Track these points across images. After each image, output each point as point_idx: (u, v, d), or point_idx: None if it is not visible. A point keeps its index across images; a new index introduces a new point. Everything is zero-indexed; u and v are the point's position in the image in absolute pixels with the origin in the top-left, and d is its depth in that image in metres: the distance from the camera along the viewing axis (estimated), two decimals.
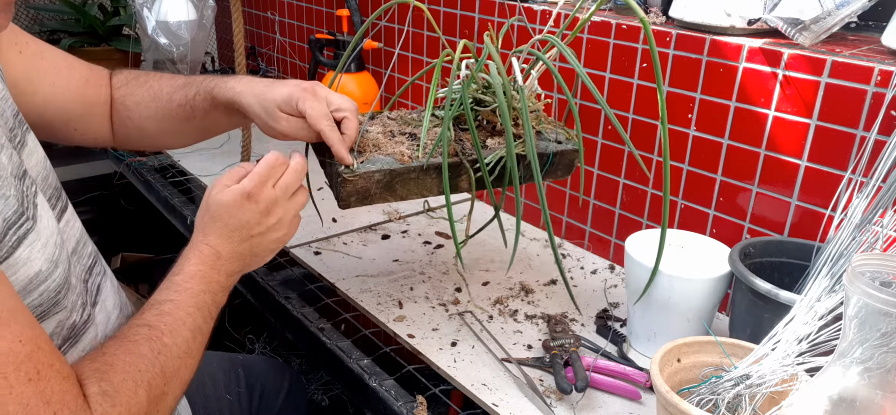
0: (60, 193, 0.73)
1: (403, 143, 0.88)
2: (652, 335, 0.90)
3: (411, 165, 0.84)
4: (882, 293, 0.50)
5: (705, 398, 0.68)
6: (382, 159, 0.84)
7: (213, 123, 0.93)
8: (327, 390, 1.61)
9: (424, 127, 0.86)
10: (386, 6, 0.92)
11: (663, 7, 1.07)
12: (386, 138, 0.89)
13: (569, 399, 0.83)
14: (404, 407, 0.83)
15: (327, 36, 1.55)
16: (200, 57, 1.56)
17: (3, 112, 0.67)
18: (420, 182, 0.86)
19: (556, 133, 0.94)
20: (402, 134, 0.91)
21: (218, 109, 0.89)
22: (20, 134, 0.69)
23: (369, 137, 0.89)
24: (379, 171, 0.83)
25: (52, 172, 0.73)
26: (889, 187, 0.74)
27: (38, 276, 0.59)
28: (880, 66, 0.82)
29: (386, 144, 0.87)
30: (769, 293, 0.75)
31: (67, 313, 0.64)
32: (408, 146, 0.87)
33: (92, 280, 0.73)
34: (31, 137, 0.71)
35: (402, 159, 0.84)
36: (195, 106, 0.90)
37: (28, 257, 0.58)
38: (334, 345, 0.95)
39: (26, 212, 0.59)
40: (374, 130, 0.91)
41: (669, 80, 1.03)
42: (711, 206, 1.02)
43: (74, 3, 1.79)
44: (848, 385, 0.54)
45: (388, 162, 0.84)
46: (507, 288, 1.08)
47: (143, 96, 0.93)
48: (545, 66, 0.86)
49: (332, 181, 0.86)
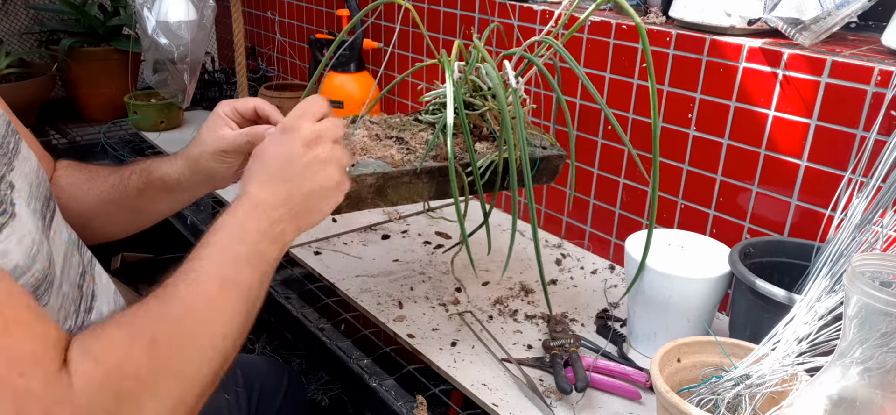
0: (50, 201, 0.73)
1: (392, 146, 0.86)
2: (652, 335, 0.90)
3: (404, 169, 0.82)
4: (882, 293, 0.50)
5: (705, 398, 0.68)
6: (373, 163, 0.82)
7: (148, 202, 0.86)
8: (327, 390, 1.61)
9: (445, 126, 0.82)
10: (372, 6, 0.91)
11: (663, 7, 1.07)
12: (373, 142, 0.87)
13: (569, 399, 0.83)
14: (404, 407, 0.83)
15: (327, 36, 1.55)
16: (200, 57, 1.56)
17: None
18: (411, 186, 0.84)
19: (541, 139, 0.93)
20: (388, 138, 0.89)
21: (154, 184, 0.84)
22: (13, 142, 0.69)
23: (355, 140, 0.86)
24: (372, 174, 0.80)
25: (45, 181, 0.73)
26: (889, 187, 0.74)
27: (16, 270, 0.57)
28: (880, 66, 0.82)
29: (374, 148, 0.85)
30: (769, 293, 0.75)
31: (61, 321, 0.63)
32: (397, 150, 0.85)
33: (86, 285, 0.72)
34: (24, 146, 0.71)
35: (393, 163, 0.82)
36: (129, 184, 0.85)
37: (5, 251, 0.56)
38: (334, 345, 0.95)
39: (4, 206, 0.59)
40: (359, 134, 0.88)
41: (669, 80, 1.03)
42: (711, 206, 1.02)
43: (74, 3, 1.79)
44: (848, 385, 0.54)
45: (380, 166, 0.81)
46: (507, 288, 1.08)
47: (79, 177, 0.88)
48: (540, 68, 0.85)
49: None
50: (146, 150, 1.67)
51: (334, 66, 1.51)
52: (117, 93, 1.82)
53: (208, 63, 2.07)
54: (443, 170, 0.84)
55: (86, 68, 1.80)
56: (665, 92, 1.04)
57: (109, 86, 1.83)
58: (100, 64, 1.81)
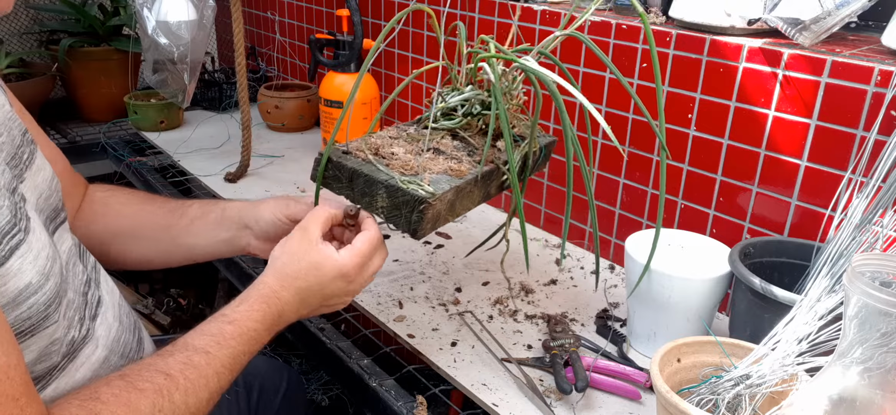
0: (60, 212, 0.73)
1: (437, 159, 0.82)
2: (652, 335, 0.90)
3: (467, 179, 0.80)
4: (882, 293, 0.50)
5: (705, 398, 0.68)
6: (444, 179, 0.78)
7: (194, 234, 0.90)
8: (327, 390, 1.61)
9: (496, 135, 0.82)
10: (403, 13, 0.90)
11: (663, 7, 1.07)
12: (415, 157, 0.82)
13: (569, 399, 0.83)
14: (404, 407, 0.83)
15: (327, 36, 1.55)
16: (200, 57, 1.56)
17: (11, 130, 0.67)
18: (470, 194, 0.83)
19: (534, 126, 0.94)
20: (428, 150, 0.84)
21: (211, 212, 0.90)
22: (28, 152, 0.69)
23: (401, 156, 0.82)
24: (450, 190, 0.77)
25: (57, 193, 0.73)
26: (889, 187, 0.74)
27: (28, 288, 0.57)
28: (880, 66, 0.82)
29: (431, 164, 0.81)
30: (769, 293, 0.75)
31: (64, 330, 0.63)
32: (454, 161, 0.82)
33: (91, 293, 0.72)
34: (40, 156, 0.71)
35: (458, 174, 0.80)
36: (187, 211, 0.90)
37: (19, 268, 0.56)
38: (334, 345, 0.95)
39: (18, 223, 0.59)
40: (400, 151, 0.83)
41: (669, 80, 1.03)
42: (711, 206, 1.02)
43: (74, 3, 1.79)
44: (848, 385, 0.54)
45: (451, 180, 0.79)
46: (507, 288, 1.08)
47: (124, 197, 0.92)
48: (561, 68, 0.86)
49: (395, 212, 0.77)
50: (146, 150, 1.67)
51: (334, 66, 1.51)
52: (117, 93, 1.82)
53: (208, 63, 2.07)
54: (489, 173, 0.83)
55: (86, 68, 1.80)
56: (665, 92, 1.04)
57: (109, 86, 1.83)
58: (100, 64, 1.81)
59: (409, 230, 0.76)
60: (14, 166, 0.65)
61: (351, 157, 0.80)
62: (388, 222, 0.78)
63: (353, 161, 0.79)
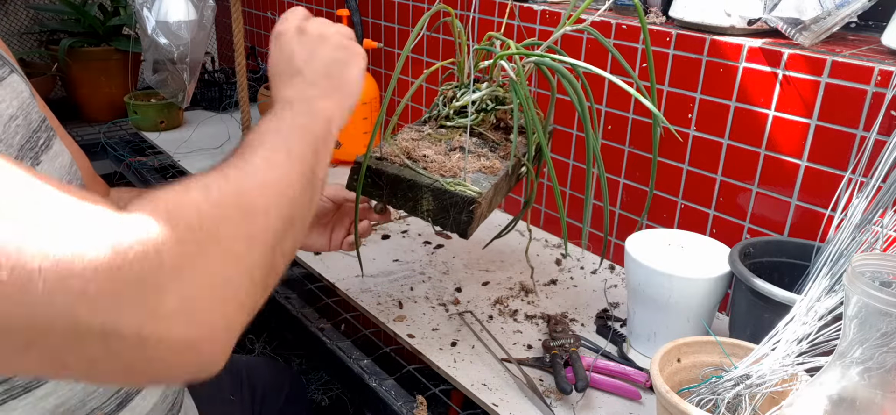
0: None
1: (470, 158, 0.82)
2: (652, 335, 0.90)
3: (501, 174, 0.80)
4: (882, 293, 0.50)
5: (705, 398, 0.68)
6: (482, 177, 0.78)
7: None
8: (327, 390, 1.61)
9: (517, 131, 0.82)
10: (427, 15, 0.90)
11: (663, 7, 1.07)
12: (444, 157, 0.82)
13: (569, 399, 0.83)
14: (404, 407, 0.83)
15: None
16: (200, 57, 1.56)
17: (28, 114, 0.67)
18: (501, 189, 0.83)
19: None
20: (451, 150, 0.84)
21: None
22: (45, 138, 0.69)
23: (434, 158, 0.82)
24: (491, 187, 0.77)
25: (77, 180, 0.73)
26: (889, 187, 0.74)
27: None
28: (880, 66, 0.82)
29: (462, 163, 0.81)
30: (769, 293, 0.75)
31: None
32: (485, 158, 0.83)
33: None
34: (57, 142, 0.71)
35: (492, 170, 0.80)
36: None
37: None
38: (334, 345, 0.95)
39: None
40: (430, 152, 0.82)
41: (669, 80, 1.03)
42: (711, 206, 1.02)
43: (74, 3, 1.79)
44: (848, 385, 0.54)
45: (488, 177, 0.79)
46: (507, 288, 1.08)
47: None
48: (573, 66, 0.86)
49: (443, 215, 0.76)
50: (146, 150, 1.67)
51: None
52: (117, 93, 1.82)
53: (208, 63, 2.07)
54: (513, 166, 0.84)
55: (86, 68, 1.80)
56: (665, 92, 1.04)
57: (109, 86, 1.83)
58: (100, 64, 1.81)
59: (458, 231, 0.76)
60: (29, 149, 0.66)
61: (387, 163, 0.79)
62: (434, 224, 0.78)
63: (392, 167, 0.78)
